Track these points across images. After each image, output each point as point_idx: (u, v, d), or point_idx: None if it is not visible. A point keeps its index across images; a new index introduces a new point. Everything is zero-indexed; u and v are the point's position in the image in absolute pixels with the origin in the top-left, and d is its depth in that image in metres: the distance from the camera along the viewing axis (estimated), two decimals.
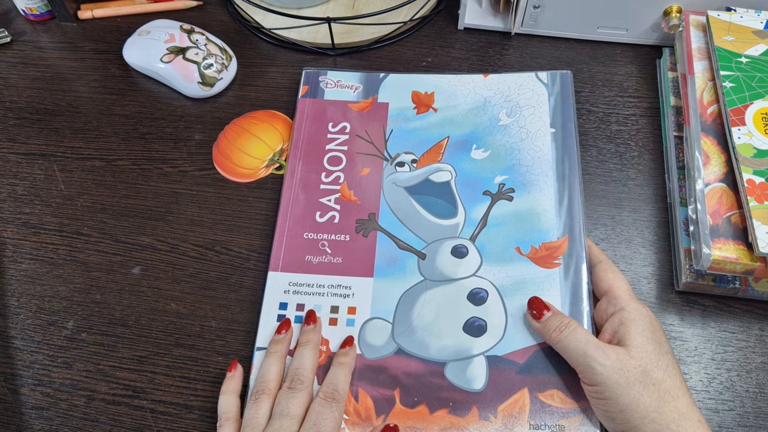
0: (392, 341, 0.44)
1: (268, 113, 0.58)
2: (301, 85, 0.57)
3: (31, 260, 0.51)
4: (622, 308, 0.40)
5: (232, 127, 0.57)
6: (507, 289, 0.45)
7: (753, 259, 0.42)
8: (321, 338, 0.45)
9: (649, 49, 0.61)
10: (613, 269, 0.43)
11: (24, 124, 0.59)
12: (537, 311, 0.42)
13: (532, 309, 0.42)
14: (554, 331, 0.40)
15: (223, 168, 0.55)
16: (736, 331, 0.46)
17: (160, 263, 0.50)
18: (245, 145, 0.56)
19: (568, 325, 0.40)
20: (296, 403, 0.39)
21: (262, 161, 0.55)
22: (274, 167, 0.55)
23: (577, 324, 0.40)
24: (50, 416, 0.44)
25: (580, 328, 0.40)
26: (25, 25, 0.66)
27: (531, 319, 0.42)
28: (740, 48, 0.51)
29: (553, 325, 0.40)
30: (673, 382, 0.36)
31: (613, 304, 0.41)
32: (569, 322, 0.40)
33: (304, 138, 0.54)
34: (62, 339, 0.47)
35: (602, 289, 0.43)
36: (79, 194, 0.54)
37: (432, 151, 0.52)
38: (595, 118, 0.57)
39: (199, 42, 0.59)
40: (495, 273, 0.46)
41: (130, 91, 0.61)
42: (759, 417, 0.43)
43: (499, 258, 0.47)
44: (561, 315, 0.41)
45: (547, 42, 0.62)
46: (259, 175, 0.55)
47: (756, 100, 0.48)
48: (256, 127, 0.57)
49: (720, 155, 0.47)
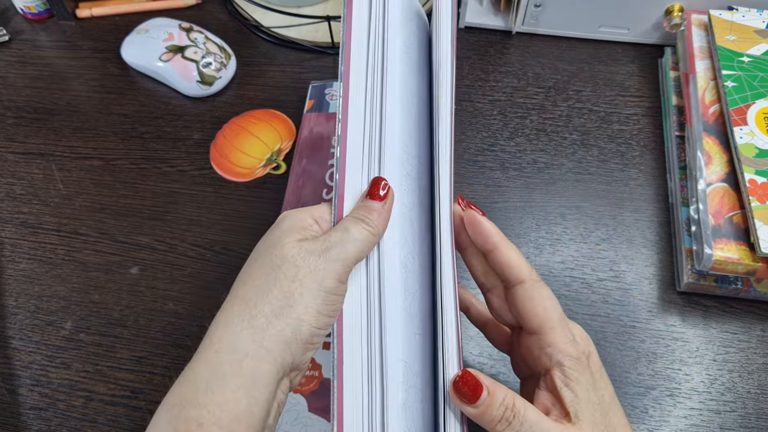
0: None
1: (267, 113, 0.58)
2: (307, 99, 0.56)
3: (29, 260, 0.51)
4: (560, 363, 0.31)
5: (230, 126, 0.57)
6: None
7: (755, 259, 0.42)
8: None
9: (650, 49, 0.61)
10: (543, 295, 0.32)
11: (22, 123, 0.59)
12: (470, 393, 0.29)
13: (463, 389, 0.29)
14: (499, 423, 0.29)
15: (220, 167, 0.55)
16: (737, 331, 0.46)
17: (158, 263, 0.50)
18: (243, 144, 0.56)
19: (515, 413, 0.29)
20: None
21: (260, 161, 0.55)
22: (271, 167, 0.55)
23: (522, 404, 0.29)
24: (48, 417, 0.44)
25: (529, 411, 0.29)
26: (24, 23, 0.66)
27: (460, 403, 0.30)
28: (742, 47, 0.51)
29: (495, 415, 0.29)
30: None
31: (547, 353, 0.31)
32: (513, 404, 0.29)
33: (306, 154, 0.53)
34: (60, 339, 0.47)
35: (529, 327, 0.32)
36: (77, 194, 0.54)
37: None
38: (597, 118, 0.57)
39: (197, 41, 0.59)
40: None
41: (128, 90, 0.60)
42: (761, 418, 0.43)
43: None
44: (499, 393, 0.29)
45: (548, 41, 0.62)
46: (256, 174, 0.54)
47: (758, 99, 0.48)
48: (254, 126, 0.57)
49: (722, 155, 0.47)
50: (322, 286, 0.30)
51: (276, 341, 0.29)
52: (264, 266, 0.31)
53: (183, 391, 0.28)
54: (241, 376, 0.28)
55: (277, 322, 0.29)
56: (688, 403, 0.43)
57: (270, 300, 0.29)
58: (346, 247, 0.31)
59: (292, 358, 0.29)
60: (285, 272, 0.30)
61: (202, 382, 0.28)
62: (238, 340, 0.29)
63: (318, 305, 0.30)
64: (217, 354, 0.29)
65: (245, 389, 0.28)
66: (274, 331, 0.29)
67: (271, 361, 0.28)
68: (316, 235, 0.32)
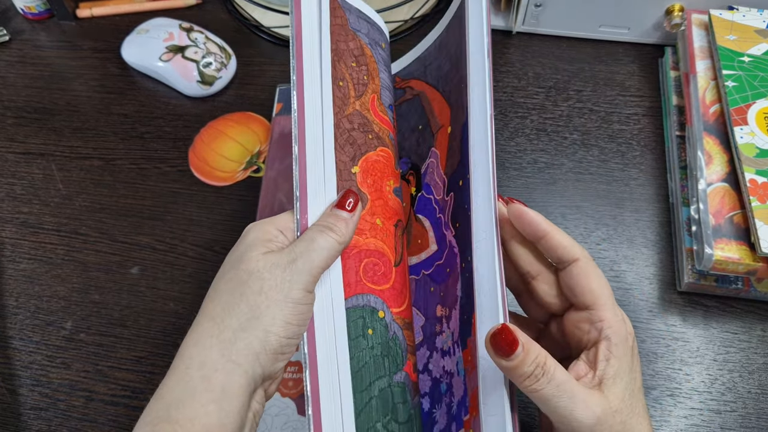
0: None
1: (244, 115, 0.58)
2: (275, 102, 0.55)
3: (29, 260, 0.51)
4: (608, 338, 0.32)
5: (208, 129, 0.57)
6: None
7: (755, 259, 0.42)
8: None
9: (651, 48, 0.61)
10: (597, 273, 0.34)
11: (22, 123, 0.59)
12: (507, 347, 0.29)
13: (500, 343, 0.30)
14: (528, 378, 0.30)
15: (199, 171, 0.54)
16: (738, 331, 0.46)
17: (158, 263, 0.50)
18: (222, 148, 0.55)
19: (545, 370, 0.30)
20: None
21: (240, 164, 0.55)
22: (252, 170, 0.54)
23: (553, 363, 0.30)
24: (49, 417, 0.44)
25: (558, 371, 0.30)
26: (24, 23, 0.66)
27: (495, 356, 0.30)
28: (742, 47, 0.51)
29: (526, 371, 0.30)
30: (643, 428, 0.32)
31: (596, 326, 0.33)
32: (545, 363, 0.30)
33: (279, 157, 0.52)
34: (61, 339, 0.47)
35: (582, 302, 0.34)
36: (77, 194, 0.54)
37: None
38: (597, 118, 0.57)
39: (198, 40, 0.59)
40: None
41: (128, 90, 0.60)
42: (761, 418, 0.43)
43: None
44: (533, 351, 0.30)
45: (548, 41, 0.62)
46: (236, 178, 0.54)
47: (758, 99, 0.48)
48: (232, 129, 0.56)
49: (722, 155, 0.47)
50: (288, 298, 0.31)
51: (244, 354, 0.29)
52: (231, 281, 0.32)
53: (156, 408, 0.29)
54: (211, 390, 0.28)
55: (244, 335, 0.30)
56: (689, 403, 0.43)
57: (237, 314, 0.30)
58: (312, 257, 0.32)
59: (263, 369, 0.30)
60: (251, 286, 0.31)
61: (174, 399, 0.29)
62: (207, 356, 0.29)
63: (285, 316, 0.30)
64: (187, 370, 0.29)
65: (216, 403, 0.28)
66: (241, 345, 0.30)
67: (241, 373, 0.29)
68: (282, 246, 0.33)
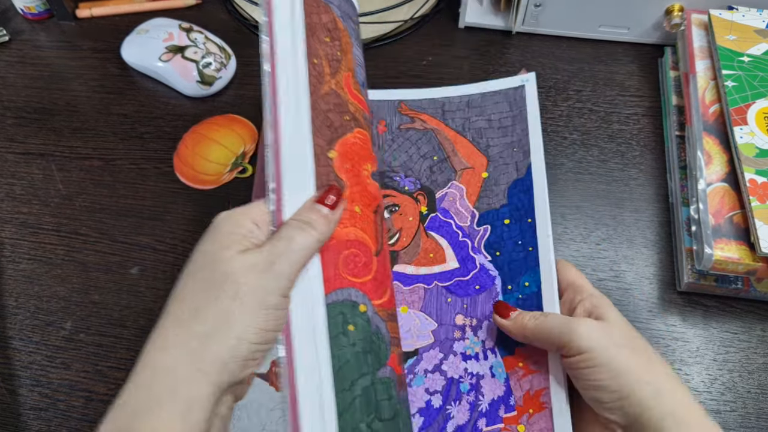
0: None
1: (227, 118, 0.57)
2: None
3: (29, 260, 0.51)
4: (591, 294, 0.39)
5: (191, 135, 0.56)
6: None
7: (755, 259, 0.42)
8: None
9: (650, 48, 0.61)
10: (572, 267, 0.42)
11: (22, 123, 0.59)
12: (505, 311, 0.40)
13: (500, 309, 0.40)
14: (529, 320, 0.38)
15: (184, 176, 0.54)
16: (738, 331, 0.46)
17: (158, 263, 0.50)
18: (206, 152, 0.55)
19: (542, 313, 0.39)
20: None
21: (225, 166, 0.54)
22: (238, 170, 0.54)
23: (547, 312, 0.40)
24: (48, 417, 0.44)
25: (553, 312, 0.39)
26: (24, 23, 0.66)
27: (499, 319, 0.40)
28: (742, 47, 0.51)
29: (525, 317, 0.38)
30: (653, 350, 0.35)
31: (579, 293, 0.39)
32: (539, 314, 0.38)
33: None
34: (60, 339, 0.47)
35: (564, 284, 0.41)
36: (77, 194, 0.54)
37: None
38: (597, 118, 0.57)
39: (197, 40, 0.59)
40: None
41: (128, 90, 0.60)
42: (761, 418, 0.43)
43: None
44: (529, 312, 0.39)
45: (548, 41, 0.62)
46: (222, 180, 0.54)
47: (758, 99, 0.48)
48: (216, 132, 0.56)
49: (722, 155, 0.47)
50: (264, 304, 0.29)
51: (212, 363, 0.28)
52: (203, 281, 0.30)
53: (118, 417, 0.28)
54: (176, 402, 0.27)
55: (212, 344, 0.28)
56: None
57: (206, 319, 0.29)
58: (291, 259, 0.31)
59: (230, 377, 0.29)
60: (226, 290, 0.29)
61: (138, 408, 0.28)
62: (173, 364, 0.28)
63: (259, 323, 0.29)
64: (152, 378, 0.28)
65: (180, 414, 0.27)
66: (209, 354, 0.28)
67: (208, 383, 0.28)
68: (258, 242, 0.31)
